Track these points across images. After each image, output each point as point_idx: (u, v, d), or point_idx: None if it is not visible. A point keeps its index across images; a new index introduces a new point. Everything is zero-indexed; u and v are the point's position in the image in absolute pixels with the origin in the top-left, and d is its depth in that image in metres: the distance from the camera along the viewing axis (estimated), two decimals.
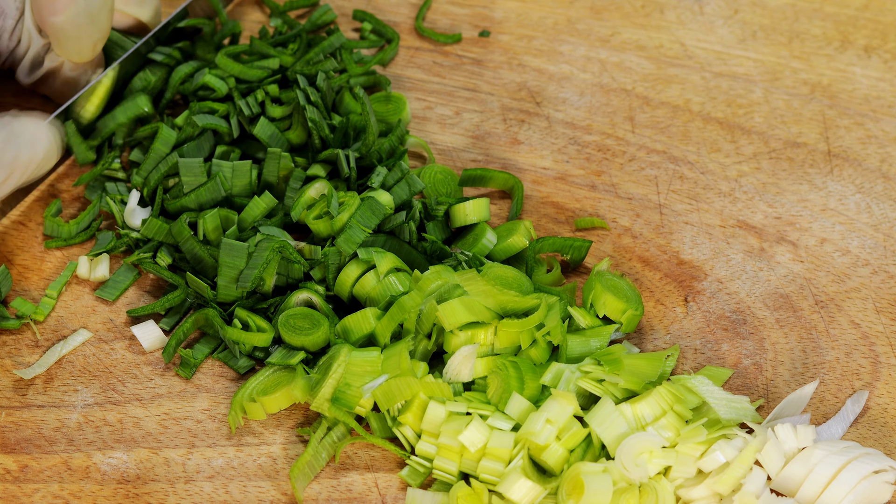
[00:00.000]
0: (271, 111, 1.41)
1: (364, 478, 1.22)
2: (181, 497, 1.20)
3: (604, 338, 1.26)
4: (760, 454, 1.17)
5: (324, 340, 1.26)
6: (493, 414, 1.20)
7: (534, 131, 1.47)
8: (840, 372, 1.28)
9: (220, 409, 1.26)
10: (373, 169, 1.36)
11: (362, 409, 1.23)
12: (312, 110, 1.38)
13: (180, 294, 1.31)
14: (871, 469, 1.16)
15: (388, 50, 1.53)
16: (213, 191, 1.34)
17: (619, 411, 1.19)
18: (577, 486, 1.15)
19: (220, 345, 1.30)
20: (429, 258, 1.33)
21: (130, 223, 1.36)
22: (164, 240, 1.33)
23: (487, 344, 1.24)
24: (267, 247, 1.28)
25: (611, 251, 1.37)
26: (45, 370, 1.28)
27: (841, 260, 1.36)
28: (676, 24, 1.58)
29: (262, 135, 1.38)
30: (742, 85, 1.52)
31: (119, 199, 1.38)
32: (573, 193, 1.42)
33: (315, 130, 1.37)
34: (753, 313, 1.32)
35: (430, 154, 1.43)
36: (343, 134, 1.39)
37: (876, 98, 1.50)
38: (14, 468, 1.22)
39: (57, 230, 1.37)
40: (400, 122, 1.40)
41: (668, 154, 1.45)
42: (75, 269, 1.34)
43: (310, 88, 1.41)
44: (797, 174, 1.43)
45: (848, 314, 1.32)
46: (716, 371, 1.27)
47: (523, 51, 1.55)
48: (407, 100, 1.47)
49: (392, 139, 1.38)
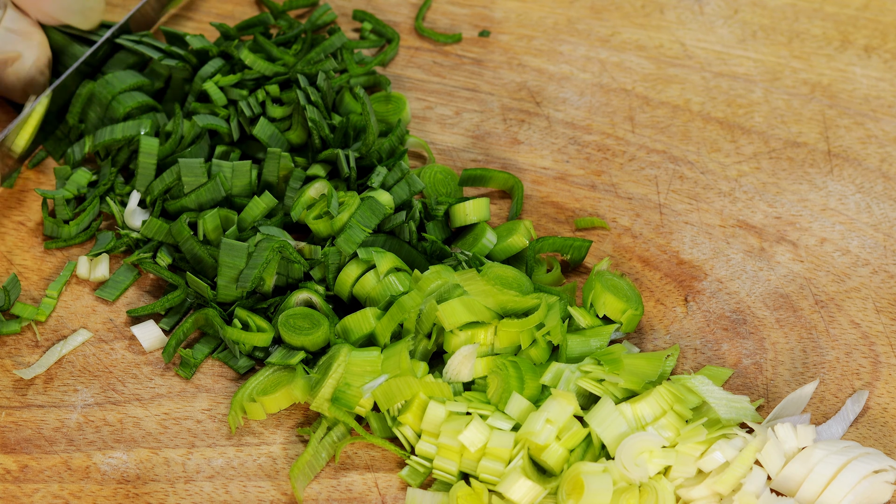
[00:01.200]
0: (272, 111, 1.41)
1: (364, 478, 1.22)
2: (181, 497, 1.20)
3: (604, 337, 1.26)
4: (760, 454, 1.17)
5: (324, 340, 1.26)
6: (493, 414, 1.20)
7: (534, 131, 1.47)
8: (840, 372, 1.28)
9: (220, 409, 1.26)
10: (373, 169, 1.36)
11: (362, 409, 1.23)
12: (313, 110, 1.38)
13: (180, 294, 1.31)
14: (871, 469, 1.16)
15: (389, 50, 1.53)
16: (214, 191, 1.34)
17: (619, 411, 1.19)
18: (577, 486, 1.15)
19: (220, 345, 1.30)
20: (429, 258, 1.33)
21: (130, 224, 1.36)
22: (164, 240, 1.33)
23: (487, 344, 1.24)
24: (267, 247, 1.28)
25: (611, 251, 1.37)
26: (45, 370, 1.28)
27: (841, 260, 1.36)
28: (676, 24, 1.58)
29: (262, 135, 1.38)
30: (742, 85, 1.52)
31: (118, 200, 1.38)
32: (573, 193, 1.42)
33: (315, 130, 1.37)
34: (753, 313, 1.32)
35: (430, 154, 1.43)
36: (343, 134, 1.39)
37: (876, 98, 1.50)
38: (14, 468, 1.22)
39: (57, 231, 1.36)
40: (400, 122, 1.40)
41: (668, 154, 1.45)
42: (74, 268, 1.34)
43: (310, 88, 1.41)
44: (797, 174, 1.43)
45: (848, 314, 1.32)
46: (716, 371, 1.27)
47: (523, 51, 1.55)
48: (407, 100, 1.47)
49: (392, 139, 1.38)
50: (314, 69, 1.44)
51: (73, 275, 1.35)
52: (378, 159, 1.37)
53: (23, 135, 1.39)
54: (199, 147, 1.39)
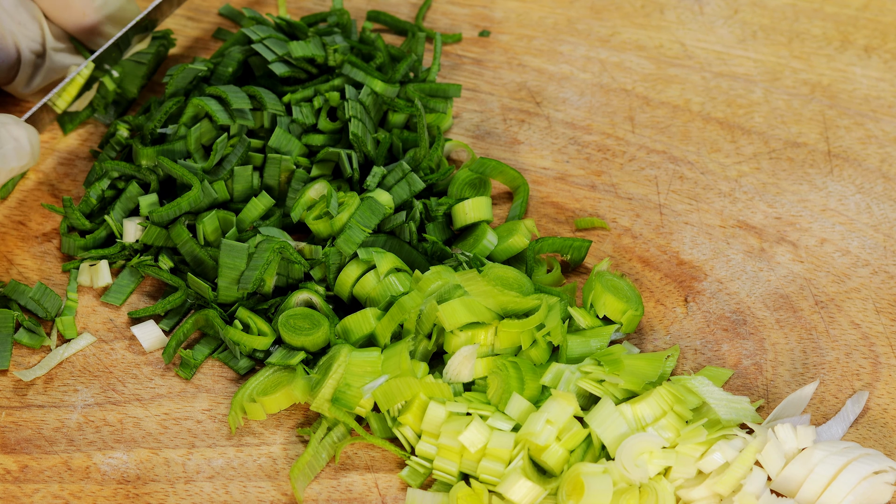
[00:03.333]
0: (324, 125, 1.39)
1: (364, 478, 1.22)
2: (181, 497, 1.20)
3: (604, 338, 1.26)
4: (760, 455, 1.17)
5: (324, 341, 1.26)
6: (493, 414, 1.20)
7: (534, 131, 1.47)
8: (840, 372, 1.28)
9: (220, 409, 1.26)
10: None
11: (362, 410, 1.23)
12: (357, 124, 1.37)
13: (180, 296, 1.31)
14: (871, 470, 1.16)
15: (435, 61, 1.52)
16: (209, 195, 1.33)
17: (620, 412, 1.19)
18: (577, 487, 1.15)
19: (220, 345, 1.30)
20: (429, 259, 1.33)
21: (127, 240, 1.35)
22: (163, 244, 1.33)
23: (488, 344, 1.24)
24: (267, 248, 1.28)
25: (611, 251, 1.37)
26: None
27: (841, 260, 1.36)
28: (676, 24, 1.58)
29: (278, 145, 1.37)
30: (742, 85, 1.52)
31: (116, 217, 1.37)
32: (573, 193, 1.42)
33: (357, 144, 1.36)
34: (753, 314, 1.32)
35: (472, 153, 1.42)
36: (388, 148, 1.38)
37: (876, 98, 1.50)
38: (14, 468, 1.22)
39: (73, 249, 1.35)
40: (439, 131, 1.41)
41: (668, 154, 1.45)
42: (78, 265, 1.34)
43: (356, 103, 1.39)
44: (797, 174, 1.43)
45: (848, 314, 1.32)
46: (716, 371, 1.27)
47: (523, 51, 1.55)
48: (451, 105, 1.46)
49: (438, 150, 1.38)
50: (396, 86, 1.42)
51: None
52: (429, 170, 1.37)
53: (70, 90, 1.42)
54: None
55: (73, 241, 1.35)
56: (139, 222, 1.34)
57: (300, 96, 1.40)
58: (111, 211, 1.35)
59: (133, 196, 1.36)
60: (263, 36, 1.43)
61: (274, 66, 1.41)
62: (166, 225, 1.32)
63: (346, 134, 1.38)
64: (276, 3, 1.60)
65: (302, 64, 1.42)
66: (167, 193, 1.38)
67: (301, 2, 1.60)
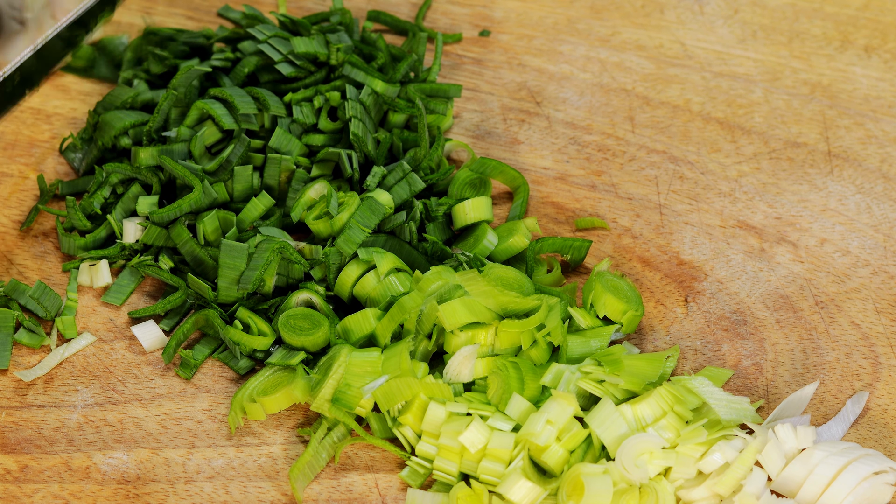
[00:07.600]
0: (324, 124, 1.39)
1: (364, 478, 1.22)
2: (181, 497, 1.20)
3: (604, 338, 1.26)
4: (761, 455, 1.17)
5: (324, 341, 1.26)
6: (493, 415, 1.20)
7: (534, 131, 1.47)
8: (840, 373, 1.28)
9: (220, 409, 1.26)
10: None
11: (362, 410, 1.23)
12: (357, 124, 1.36)
13: (180, 296, 1.31)
14: (871, 470, 1.16)
15: (435, 61, 1.52)
16: (209, 196, 1.33)
17: (620, 412, 1.19)
18: (577, 487, 1.15)
19: (221, 345, 1.30)
20: (429, 259, 1.33)
21: (127, 240, 1.35)
22: (163, 244, 1.33)
23: (488, 344, 1.24)
24: (267, 248, 1.28)
25: (611, 251, 1.37)
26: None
27: (841, 260, 1.36)
28: (676, 24, 1.58)
29: (279, 145, 1.37)
30: (742, 85, 1.52)
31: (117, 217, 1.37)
32: (573, 193, 1.42)
33: (357, 144, 1.36)
34: (754, 314, 1.32)
35: (472, 152, 1.42)
36: (388, 148, 1.38)
37: (876, 98, 1.50)
38: (14, 468, 1.22)
39: (73, 248, 1.35)
40: (439, 131, 1.41)
41: (668, 154, 1.45)
42: (78, 265, 1.34)
43: (356, 103, 1.39)
44: (797, 174, 1.43)
45: (848, 315, 1.32)
46: (716, 372, 1.27)
47: (523, 50, 1.55)
48: (451, 105, 1.46)
49: (438, 150, 1.38)
50: (396, 86, 1.42)
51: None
52: (430, 170, 1.37)
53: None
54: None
55: (73, 241, 1.35)
56: (139, 222, 1.34)
57: (301, 96, 1.40)
58: (112, 211, 1.35)
59: (134, 197, 1.36)
60: (269, 35, 1.43)
61: (280, 66, 1.41)
62: (166, 225, 1.32)
63: (346, 134, 1.38)
64: (275, 3, 1.60)
65: (303, 62, 1.42)
66: (167, 194, 1.37)
67: (301, 1, 1.60)
